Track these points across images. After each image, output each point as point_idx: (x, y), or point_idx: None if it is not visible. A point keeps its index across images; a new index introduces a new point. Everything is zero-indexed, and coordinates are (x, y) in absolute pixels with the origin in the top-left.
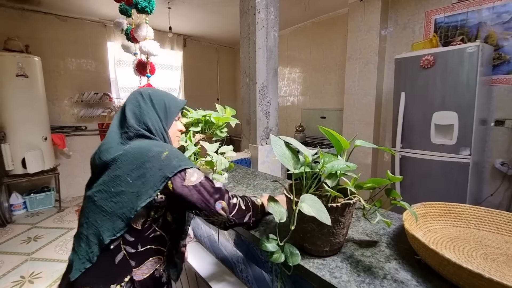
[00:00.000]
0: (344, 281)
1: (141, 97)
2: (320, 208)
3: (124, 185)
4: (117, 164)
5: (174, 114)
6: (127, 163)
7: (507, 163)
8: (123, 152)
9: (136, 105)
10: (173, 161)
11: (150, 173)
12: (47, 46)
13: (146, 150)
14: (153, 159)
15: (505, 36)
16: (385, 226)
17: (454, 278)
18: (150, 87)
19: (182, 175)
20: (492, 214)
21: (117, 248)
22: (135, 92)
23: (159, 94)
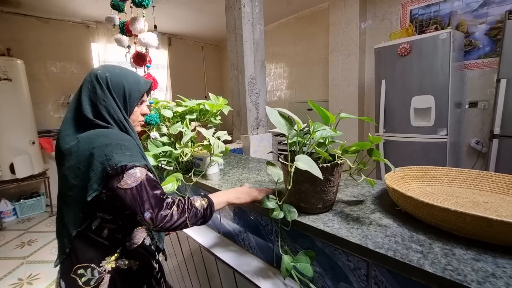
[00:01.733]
0: (336, 228)
1: (97, 81)
2: (313, 165)
3: (75, 178)
4: (70, 154)
5: (135, 100)
6: (78, 154)
7: (481, 141)
8: (76, 142)
9: (92, 91)
10: (115, 155)
11: (94, 166)
12: (29, 49)
13: (93, 140)
14: (96, 151)
15: (474, 23)
16: (370, 189)
17: (428, 218)
18: (104, 66)
19: (120, 174)
20: (462, 173)
21: (100, 227)
22: (91, 74)
23: (118, 77)
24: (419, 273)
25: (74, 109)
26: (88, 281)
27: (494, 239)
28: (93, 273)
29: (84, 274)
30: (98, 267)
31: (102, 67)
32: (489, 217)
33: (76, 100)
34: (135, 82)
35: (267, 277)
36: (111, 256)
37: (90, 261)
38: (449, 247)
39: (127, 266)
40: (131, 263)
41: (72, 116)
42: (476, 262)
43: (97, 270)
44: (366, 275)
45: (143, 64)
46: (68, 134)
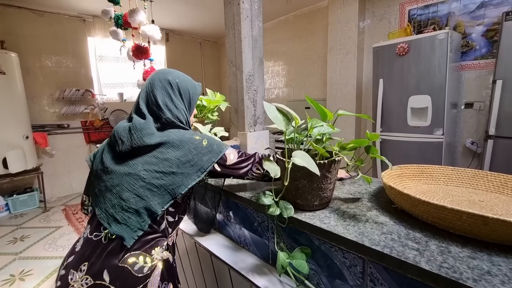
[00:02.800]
0: (333, 225)
1: (170, 87)
2: (310, 161)
3: (175, 167)
4: (164, 148)
5: (195, 103)
6: (175, 148)
7: (476, 142)
8: (168, 139)
9: (167, 96)
10: (214, 146)
11: (197, 158)
12: (23, 42)
13: (189, 138)
14: (197, 147)
15: (471, 24)
16: (367, 187)
17: (424, 215)
18: (170, 71)
19: (223, 157)
20: (458, 172)
21: (162, 218)
22: (162, 79)
23: (185, 83)
24: (415, 270)
25: (147, 111)
26: (141, 268)
27: (490, 237)
28: (146, 261)
29: (136, 262)
30: (150, 255)
31: (167, 72)
32: (485, 215)
33: (149, 102)
34: (194, 87)
35: (262, 274)
36: (161, 248)
37: (144, 250)
38: (445, 245)
39: (168, 258)
40: (169, 256)
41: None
42: (472, 260)
43: (150, 258)
44: (362, 272)
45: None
46: (152, 133)
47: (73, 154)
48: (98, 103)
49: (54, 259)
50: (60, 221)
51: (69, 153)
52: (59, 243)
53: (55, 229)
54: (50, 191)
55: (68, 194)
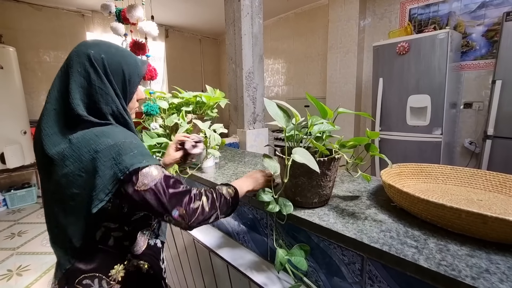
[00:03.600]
0: (331, 223)
1: (91, 64)
2: (310, 158)
3: (76, 187)
4: (64, 160)
5: (135, 86)
6: (74, 159)
7: (475, 142)
8: (68, 145)
9: (85, 77)
10: (125, 157)
11: (100, 173)
12: (21, 36)
13: (93, 142)
14: (101, 155)
15: (472, 24)
16: (366, 185)
17: (423, 214)
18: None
19: (134, 177)
20: (457, 171)
21: (105, 236)
22: (80, 53)
23: (116, 59)
24: (413, 267)
25: (57, 99)
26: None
27: (488, 235)
28: (101, 283)
29: (91, 284)
30: (106, 277)
31: (93, 44)
32: (484, 214)
33: (61, 89)
34: (134, 64)
35: (261, 271)
36: (120, 265)
37: (97, 271)
38: (444, 243)
39: (136, 268)
40: (140, 264)
41: (55, 109)
42: (470, 258)
43: (106, 280)
44: (361, 269)
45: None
46: (53, 133)
47: None
48: None
49: (51, 255)
50: None
51: None
52: None
53: None
54: None
55: None
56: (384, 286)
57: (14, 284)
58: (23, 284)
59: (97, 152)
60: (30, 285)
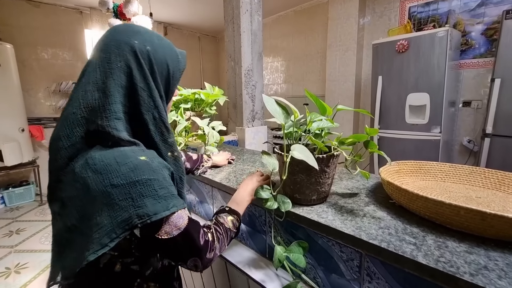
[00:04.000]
0: (330, 220)
1: (135, 59)
2: (309, 155)
3: (78, 219)
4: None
5: (177, 83)
6: (85, 185)
7: (473, 140)
8: (84, 164)
9: (127, 74)
10: (147, 200)
11: (111, 212)
12: (19, 33)
13: (111, 172)
14: (118, 192)
15: (471, 23)
16: (365, 182)
17: (422, 211)
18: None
19: (156, 223)
20: (456, 168)
21: (110, 263)
22: (120, 42)
23: (160, 51)
24: (412, 264)
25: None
26: None
27: (487, 232)
28: None
29: None
30: None
31: (132, 31)
32: (483, 211)
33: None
34: (175, 56)
35: (259, 268)
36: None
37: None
38: (442, 240)
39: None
40: (150, 286)
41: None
42: (468, 255)
43: None
44: (359, 266)
45: None
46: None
47: None
48: None
49: (49, 253)
50: None
51: None
52: None
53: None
54: (46, 184)
55: None
56: (383, 283)
57: (12, 282)
58: (21, 282)
59: (113, 186)
60: (28, 282)
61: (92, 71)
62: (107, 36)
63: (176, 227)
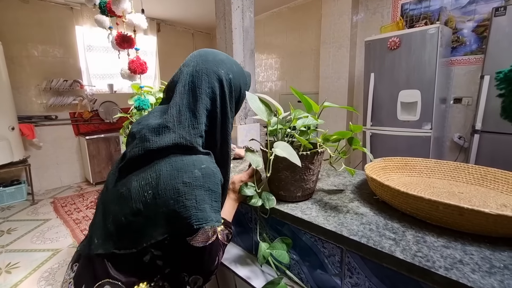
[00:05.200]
0: (314, 216)
1: (221, 87)
2: (292, 152)
3: (147, 205)
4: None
5: (243, 102)
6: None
7: (463, 136)
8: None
9: (212, 99)
10: (207, 207)
11: (176, 205)
12: (7, 30)
13: (187, 169)
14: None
15: (462, 20)
16: (352, 179)
17: (403, 206)
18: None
19: (196, 230)
20: (441, 165)
21: (144, 250)
22: (210, 70)
23: (237, 78)
24: (389, 259)
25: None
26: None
27: (465, 227)
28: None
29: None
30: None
31: (219, 60)
32: (460, 206)
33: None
34: (245, 79)
35: (245, 264)
36: (147, 284)
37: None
38: (421, 235)
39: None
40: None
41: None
42: (445, 249)
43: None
44: (340, 261)
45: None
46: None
47: (61, 146)
48: (87, 94)
49: (41, 252)
50: (48, 214)
51: (58, 145)
52: (47, 236)
53: (43, 222)
54: (38, 183)
55: (57, 187)
56: (362, 278)
57: (3, 281)
58: (12, 281)
59: (184, 184)
60: (19, 282)
61: (186, 93)
62: (198, 63)
63: (206, 238)
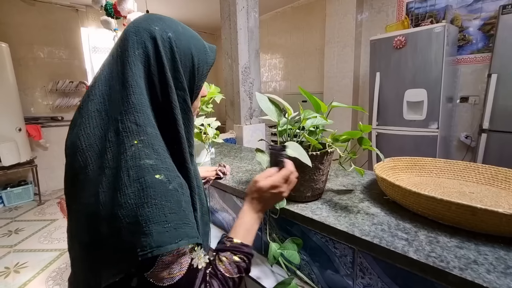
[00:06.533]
0: (324, 216)
1: (155, 47)
2: (302, 152)
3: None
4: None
5: (204, 78)
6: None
7: (471, 136)
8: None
9: (145, 64)
10: (153, 228)
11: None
12: (14, 32)
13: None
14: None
15: (468, 18)
16: (360, 179)
17: (415, 206)
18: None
19: (154, 261)
20: (450, 164)
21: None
22: (140, 28)
23: (184, 39)
24: (403, 259)
25: (107, 96)
26: None
27: (478, 227)
28: None
29: None
30: None
31: (155, 18)
32: (473, 206)
33: (112, 83)
34: (203, 48)
35: (255, 265)
36: None
37: None
38: (434, 235)
39: None
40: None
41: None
42: (459, 250)
43: None
44: (352, 262)
45: None
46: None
47: None
48: None
49: (49, 252)
50: (55, 214)
51: (64, 146)
52: (54, 236)
53: (50, 222)
54: (45, 184)
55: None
56: (375, 278)
57: (11, 281)
58: (21, 281)
59: (120, 206)
60: (28, 282)
61: (114, 62)
62: (128, 25)
63: (169, 275)
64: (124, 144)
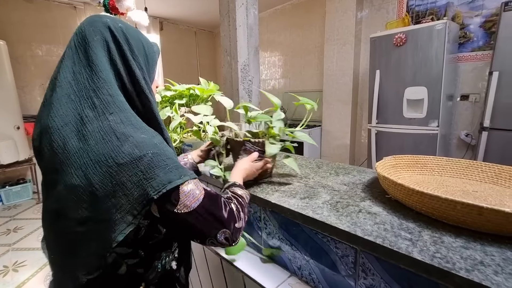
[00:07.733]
0: (325, 215)
1: (111, 33)
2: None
3: (90, 207)
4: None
5: (154, 65)
6: (87, 168)
7: (471, 134)
8: (83, 145)
9: (105, 48)
10: (158, 171)
11: (126, 190)
12: (12, 29)
13: (114, 149)
14: (125, 169)
15: (469, 15)
16: (361, 177)
17: (418, 206)
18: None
19: (172, 196)
20: (452, 162)
21: (115, 262)
22: (93, 22)
23: (133, 30)
24: (407, 260)
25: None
26: None
27: (484, 227)
28: None
29: None
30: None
31: (103, 15)
32: (480, 205)
33: (78, 68)
34: (148, 40)
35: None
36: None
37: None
38: (438, 235)
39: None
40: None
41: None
42: (465, 250)
43: None
44: (354, 262)
45: None
46: (63, 125)
47: None
48: None
49: None
50: None
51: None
52: None
53: None
54: None
55: None
56: (378, 279)
57: (10, 279)
58: (19, 280)
59: (118, 165)
60: (26, 280)
61: (75, 51)
62: (81, 23)
63: (194, 199)
64: (104, 114)
